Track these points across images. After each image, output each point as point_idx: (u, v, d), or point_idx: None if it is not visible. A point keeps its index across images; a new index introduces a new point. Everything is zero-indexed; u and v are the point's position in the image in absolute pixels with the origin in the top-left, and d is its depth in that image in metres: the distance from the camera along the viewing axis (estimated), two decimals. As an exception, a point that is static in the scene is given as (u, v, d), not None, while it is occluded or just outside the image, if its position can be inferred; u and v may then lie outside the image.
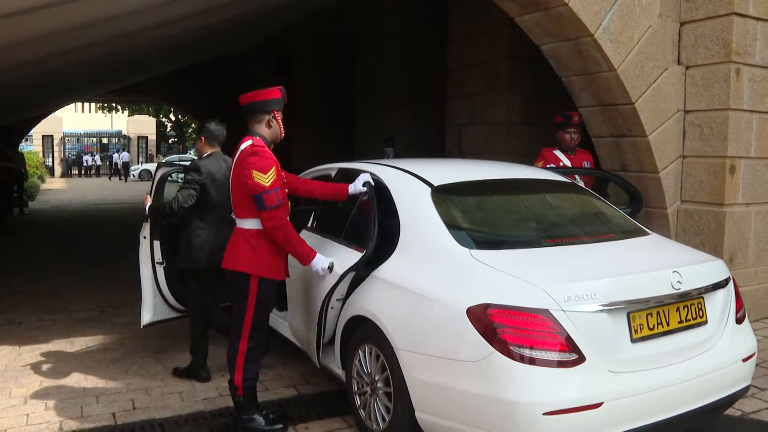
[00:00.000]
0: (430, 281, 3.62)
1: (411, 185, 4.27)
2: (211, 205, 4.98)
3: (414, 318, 3.59)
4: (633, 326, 3.35)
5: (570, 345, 3.13)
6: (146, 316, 5.39)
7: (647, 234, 4.32)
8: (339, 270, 4.15)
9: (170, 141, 54.90)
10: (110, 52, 10.79)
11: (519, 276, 3.31)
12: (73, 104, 40.97)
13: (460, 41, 9.59)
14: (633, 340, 3.33)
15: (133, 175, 40.30)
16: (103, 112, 47.30)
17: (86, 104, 45.16)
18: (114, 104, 42.93)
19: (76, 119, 47.34)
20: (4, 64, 8.83)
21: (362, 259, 4.05)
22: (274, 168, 4.03)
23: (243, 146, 4.14)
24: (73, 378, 5.21)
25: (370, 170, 4.65)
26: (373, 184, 4.44)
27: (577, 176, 6.03)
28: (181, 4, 8.21)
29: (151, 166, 38.30)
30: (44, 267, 10.07)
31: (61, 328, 6.62)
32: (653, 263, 3.75)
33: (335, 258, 4.24)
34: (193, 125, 39.77)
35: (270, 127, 4.20)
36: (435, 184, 4.17)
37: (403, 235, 4.02)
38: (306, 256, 4.14)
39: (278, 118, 4.21)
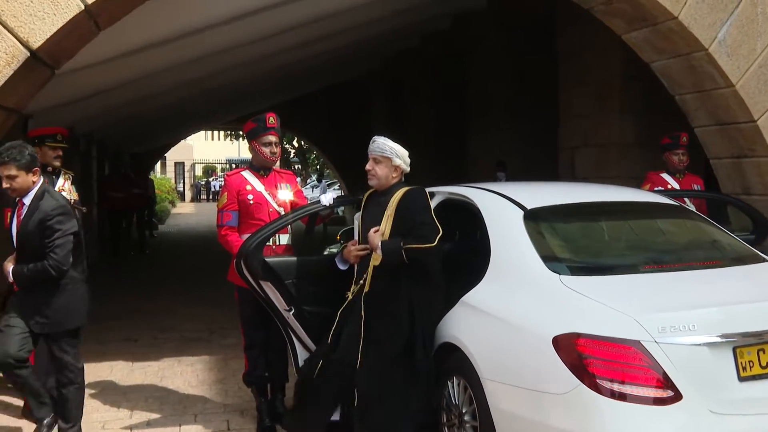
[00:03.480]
0: (517, 308, 3.48)
1: (503, 208, 4.13)
2: None
3: (500, 346, 3.45)
4: (741, 363, 3.05)
5: (664, 380, 2.89)
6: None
7: (764, 261, 3.96)
8: None
9: (294, 167, 56.72)
10: (233, 81, 11.34)
11: (609, 304, 3.11)
12: (203, 132, 43.16)
13: (570, 61, 9.32)
14: (741, 379, 3.04)
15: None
16: (230, 140, 49.63)
17: (215, 132, 47.47)
18: (241, 132, 44.87)
19: (205, 147, 49.90)
20: (139, 95, 9.44)
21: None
22: (226, 194, 4.66)
23: None
24: (176, 395, 5.39)
25: (461, 192, 4.55)
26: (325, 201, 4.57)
27: (686, 200, 5.66)
28: (301, 31, 8.48)
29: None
30: (162, 286, 10.59)
31: (172, 347, 6.89)
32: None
33: None
34: (315, 152, 40.86)
35: (253, 154, 4.73)
36: (528, 207, 4.02)
37: (494, 259, 3.89)
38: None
39: (255, 146, 4.67)
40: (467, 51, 12.88)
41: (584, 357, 2.96)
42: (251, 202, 4.61)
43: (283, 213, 4.66)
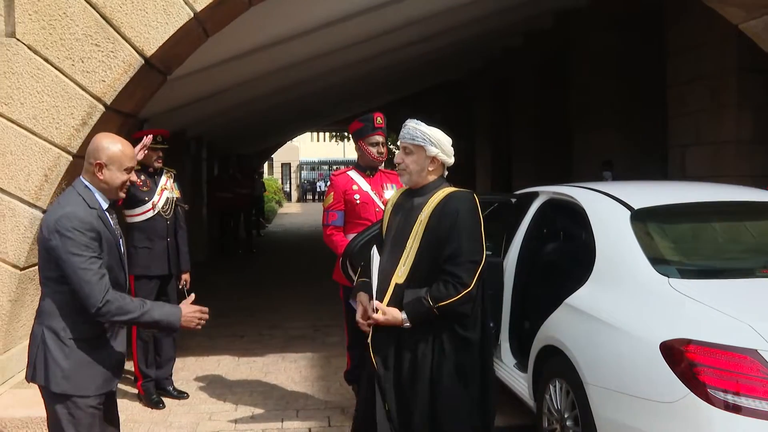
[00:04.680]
0: (623, 311, 3.34)
1: (609, 208, 3.99)
2: None
3: (605, 350, 3.33)
4: None
5: (785, 393, 2.69)
6: None
7: None
8: None
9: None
10: (336, 83, 11.55)
11: (722, 309, 2.94)
12: (309, 134, 44.13)
13: (680, 55, 8.91)
14: None
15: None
16: (335, 141, 50.49)
17: (320, 134, 48.43)
18: (346, 133, 45.58)
19: (311, 148, 51.02)
20: (247, 98, 9.77)
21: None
22: (332, 194, 4.66)
23: None
24: (279, 391, 5.52)
25: (566, 192, 4.44)
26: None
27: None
28: (404, 32, 8.54)
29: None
30: (268, 285, 10.89)
31: (277, 343, 7.07)
32: None
33: None
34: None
35: (359, 154, 4.71)
36: (635, 207, 3.86)
37: (599, 261, 3.76)
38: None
39: (362, 145, 4.65)
40: (570, 49, 12.58)
41: (695, 365, 2.81)
42: (358, 201, 4.64)
43: None
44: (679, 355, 2.87)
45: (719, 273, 3.41)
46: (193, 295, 3.05)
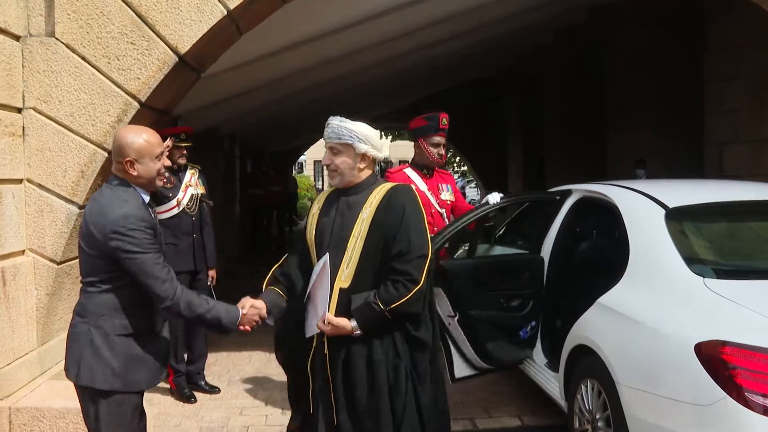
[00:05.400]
0: (656, 311, 3.30)
1: (643, 207, 3.94)
2: None
3: (637, 350, 3.29)
4: None
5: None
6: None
7: None
8: None
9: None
10: (366, 81, 11.57)
11: (759, 311, 2.88)
12: (341, 132, 44.21)
13: (721, 53, 8.74)
14: None
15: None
16: (367, 139, 50.59)
17: (352, 132, 48.53)
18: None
19: (343, 146, 51.19)
20: (279, 95, 9.82)
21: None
22: None
23: None
24: (310, 386, 5.54)
25: (600, 191, 4.39)
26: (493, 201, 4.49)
27: None
28: (434, 29, 8.52)
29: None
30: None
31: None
32: None
33: None
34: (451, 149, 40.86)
35: (417, 153, 4.53)
36: (670, 206, 3.80)
37: (632, 259, 3.72)
38: None
39: (422, 144, 4.48)
40: (603, 46, 12.42)
41: (731, 367, 2.76)
42: (449, 201, 4.53)
43: (444, 214, 4.57)
44: (714, 357, 2.81)
45: (756, 273, 3.35)
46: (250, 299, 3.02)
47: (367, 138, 2.98)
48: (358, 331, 2.85)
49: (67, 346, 2.83)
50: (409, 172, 4.61)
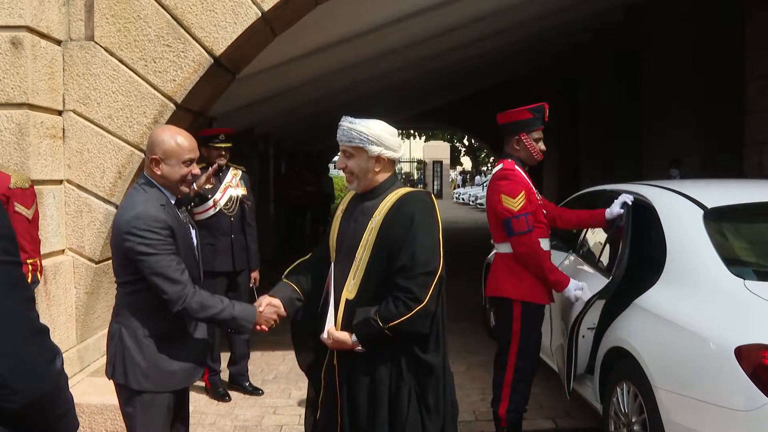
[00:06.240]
0: (695, 313, 3.24)
1: (681, 207, 3.87)
2: None
3: (675, 353, 3.23)
4: None
5: None
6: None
7: None
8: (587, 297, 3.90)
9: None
10: (402, 80, 11.58)
11: (803, 314, 2.81)
12: (374, 132, 44.12)
13: (761, 48, 8.56)
14: None
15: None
16: (402, 139, 50.36)
17: (385, 132, 48.43)
18: (411, 131, 45.54)
19: (377, 146, 51.14)
20: (313, 96, 9.88)
21: (607, 287, 3.75)
22: (523, 192, 3.88)
23: (495, 169, 4.10)
24: (343, 386, 5.56)
25: (636, 191, 4.32)
26: (630, 204, 4.11)
27: None
28: (471, 28, 8.49)
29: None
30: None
31: (341, 339, 7.10)
32: None
33: (588, 284, 3.98)
34: (485, 150, 40.66)
35: (518, 149, 4.04)
36: (709, 206, 3.73)
37: (670, 261, 3.66)
38: (558, 283, 3.93)
39: (525, 139, 4.00)
40: (641, 44, 12.26)
41: (773, 371, 2.70)
42: (540, 201, 4.10)
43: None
44: (755, 361, 2.75)
45: (799, 275, 3.27)
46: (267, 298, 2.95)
47: (379, 139, 2.74)
48: (359, 347, 2.67)
49: (107, 344, 2.86)
50: (519, 169, 4.07)
